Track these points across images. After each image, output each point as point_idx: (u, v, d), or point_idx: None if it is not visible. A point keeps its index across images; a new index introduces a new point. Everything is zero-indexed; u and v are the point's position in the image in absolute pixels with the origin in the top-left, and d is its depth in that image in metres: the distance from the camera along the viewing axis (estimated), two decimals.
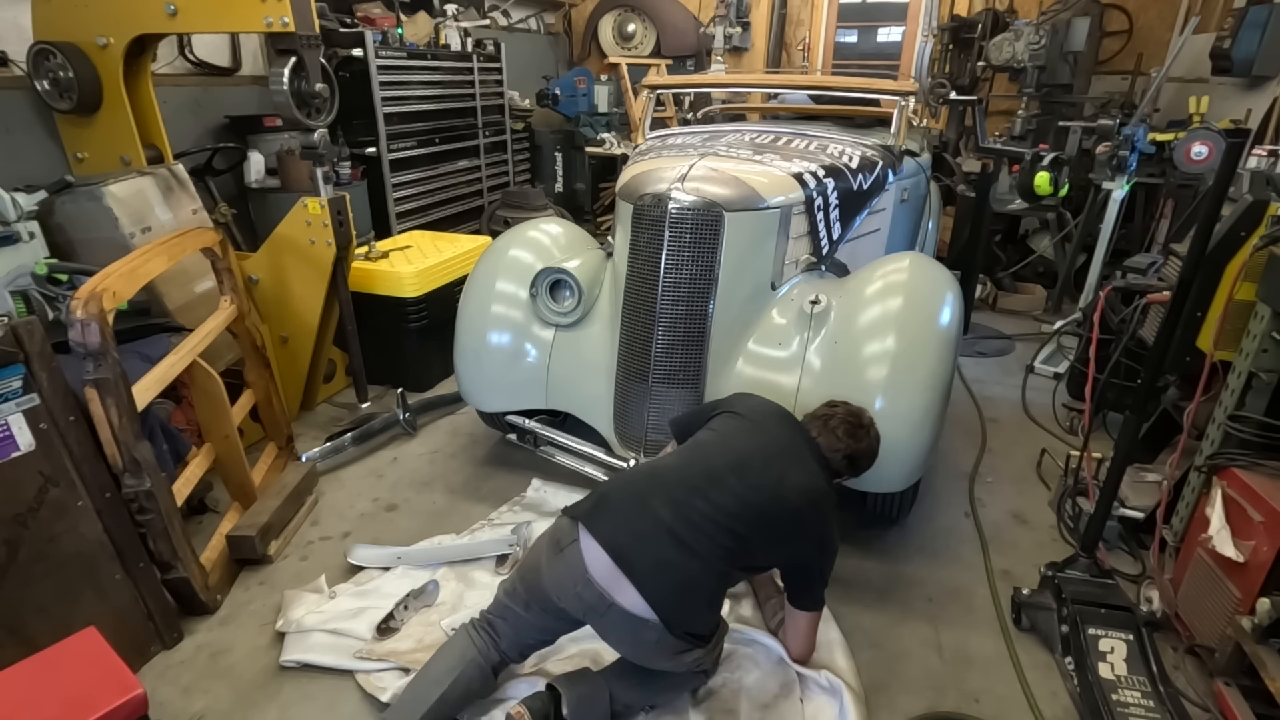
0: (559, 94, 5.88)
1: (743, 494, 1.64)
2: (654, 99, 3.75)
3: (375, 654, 1.95)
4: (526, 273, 2.58)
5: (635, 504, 1.63)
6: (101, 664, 1.54)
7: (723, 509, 1.61)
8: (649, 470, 1.78)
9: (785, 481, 1.69)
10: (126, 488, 1.89)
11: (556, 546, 1.64)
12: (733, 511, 1.62)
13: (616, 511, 1.62)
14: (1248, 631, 1.73)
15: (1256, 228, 2.02)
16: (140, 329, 2.36)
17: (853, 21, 6.58)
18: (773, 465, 1.71)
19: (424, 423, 3.30)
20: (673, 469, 1.73)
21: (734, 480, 1.66)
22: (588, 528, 1.60)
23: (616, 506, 1.64)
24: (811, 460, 1.79)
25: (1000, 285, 5.05)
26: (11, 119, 2.94)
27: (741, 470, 1.68)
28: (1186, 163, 3.30)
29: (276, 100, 2.58)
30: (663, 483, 1.67)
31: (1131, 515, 2.42)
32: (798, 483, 1.70)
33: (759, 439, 1.78)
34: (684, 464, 1.74)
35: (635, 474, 1.80)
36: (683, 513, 1.60)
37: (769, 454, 1.74)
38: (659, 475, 1.71)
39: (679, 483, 1.66)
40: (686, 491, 1.63)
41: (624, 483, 1.74)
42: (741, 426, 1.82)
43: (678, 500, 1.62)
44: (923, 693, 1.95)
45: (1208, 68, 4.20)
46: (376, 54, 4.10)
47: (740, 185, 2.33)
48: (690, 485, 1.65)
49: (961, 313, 2.29)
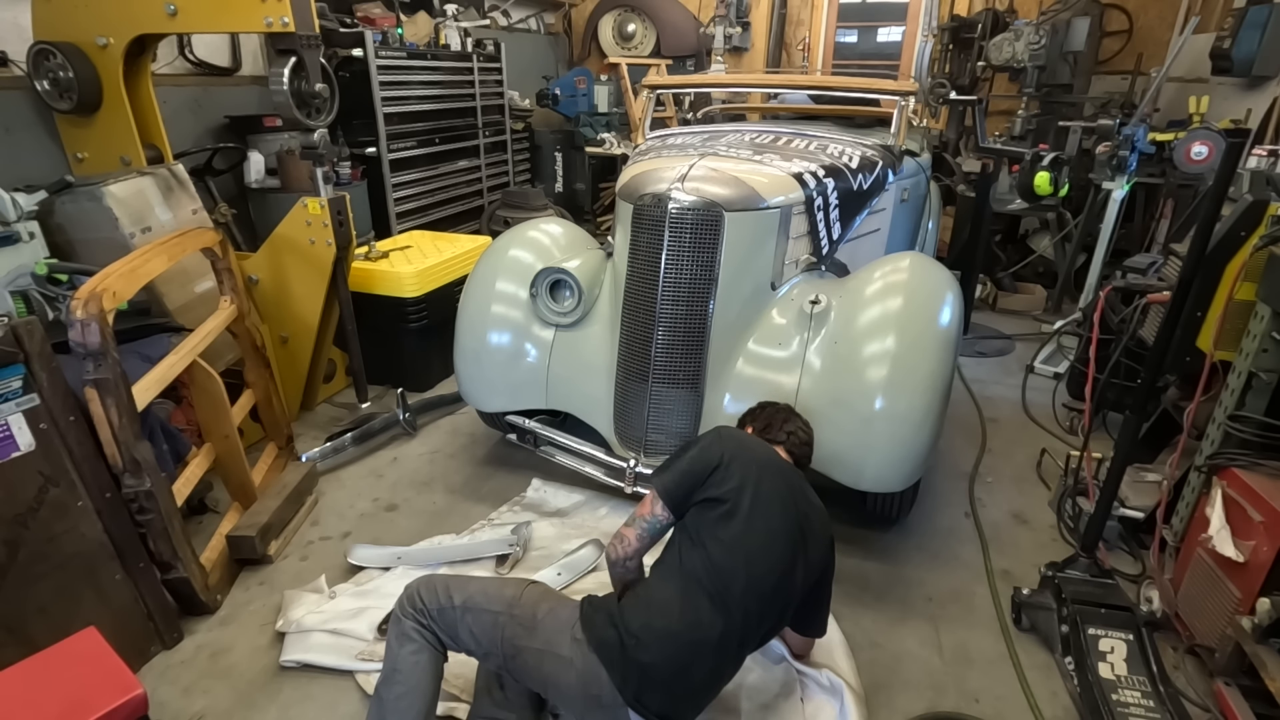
0: (559, 94, 5.88)
1: (789, 593, 1.63)
2: (654, 99, 3.75)
3: (376, 655, 1.94)
4: (526, 273, 2.58)
5: (682, 676, 1.50)
6: (101, 664, 1.54)
7: (772, 625, 1.65)
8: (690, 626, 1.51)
9: (812, 553, 1.65)
10: (126, 488, 1.89)
11: (596, 701, 1.49)
12: (782, 613, 1.65)
13: (662, 687, 1.48)
14: (1248, 631, 1.73)
15: (1256, 228, 2.02)
16: (140, 329, 2.36)
17: (853, 21, 6.58)
18: (799, 546, 1.63)
19: (424, 423, 3.31)
20: (709, 625, 1.51)
21: (780, 597, 1.61)
22: (637, 709, 1.48)
23: (661, 681, 1.48)
24: (807, 490, 1.71)
25: (1000, 285, 5.05)
26: (11, 119, 2.94)
27: (781, 584, 1.60)
28: (1186, 163, 3.31)
29: (276, 100, 2.58)
30: (708, 648, 1.52)
31: (1131, 515, 2.42)
32: (820, 537, 1.68)
33: (777, 531, 1.59)
34: (722, 618, 1.52)
35: (673, 639, 1.50)
36: (733, 661, 1.61)
37: (794, 538, 1.61)
38: (701, 641, 1.51)
39: (723, 641, 1.53)
40: (737, 645, 1.58)
41: (661, 654, 1.48)
42: (753, 529, 1.57)
43: (727, 654, 1.57)
44: (923, 693, 1.95)
45: (1208, 68, 4.20)
46: (376, 54, 4.10)
47: (740, 185, 2.33)
48: (739, 640, 1.57)
49: (961, 313, 2.29)
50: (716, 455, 1.63)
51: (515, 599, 1.57)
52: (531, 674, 1.55)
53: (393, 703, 1.54)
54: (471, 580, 1.66)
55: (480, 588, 1.62)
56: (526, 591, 1.60)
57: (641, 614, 1.51)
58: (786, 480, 1.67)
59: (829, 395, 2.18)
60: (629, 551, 1.66)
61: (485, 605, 1.56)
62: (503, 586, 1.63)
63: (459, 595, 1.58)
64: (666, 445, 2.40)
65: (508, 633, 1.53)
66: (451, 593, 1.58)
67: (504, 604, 1.56)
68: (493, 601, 1.57)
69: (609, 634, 1.49)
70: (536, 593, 1.61)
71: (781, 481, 1.65)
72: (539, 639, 1.52)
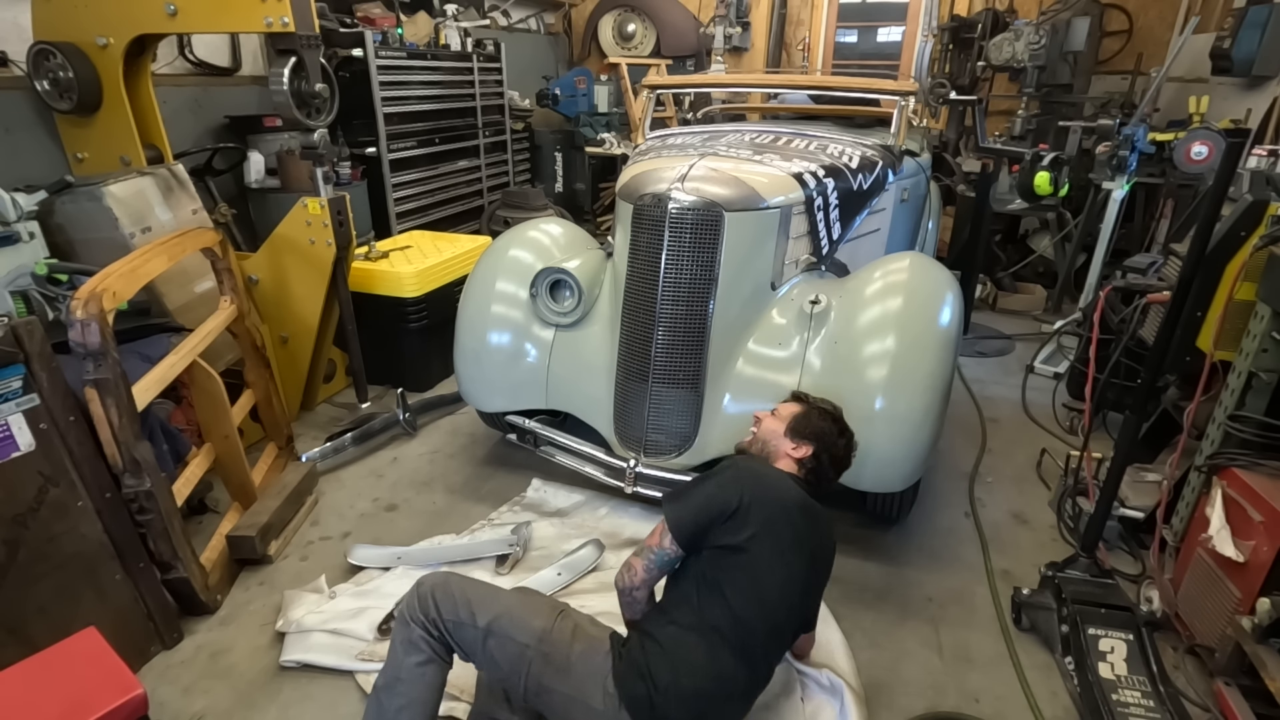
0: (559, 94, 5.88)
1: (803, 626, 1.71)
2: (654, 99, 3.75)
3: (377, 655, 1.94)
4: (526, 273, 2.58)
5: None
6: (101, 664, 1.54)
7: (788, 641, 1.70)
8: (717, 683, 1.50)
9: (824, 580, 1.71)
10: (126, 488, 1.89)
11: None
12: (798, 629, 1.72)
13: None
14: (1248, 631, 1.73)
15: (1256, 228, 2.02)
16: (140, 329, 2.36)
17: (853, 21, 6.58)
18: (814, 580, 1.68)
19: (424, 423, 3.30)
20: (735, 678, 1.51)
21: (795, 632, 1.70)
22: None
23: None
24: (822, 521, 1.68)
25: (1000, 285, 5.05)
26: (11, 119, 2.94)
27: (797, 623, 1.68)
28: (1186, 163, 3.31)
29: (276, 100, 2.58)
30: (735, 699, 1.56)
31: (1131, 515, 2.42)
32: (830, 561, 1.71)
33: (795, 576, 1.58)
34: (747, 668, 1.54)
35: (702, 697, 1.48)
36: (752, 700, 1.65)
37: (810, 577, 1.63)
38: (729, 694, 1.52)
39: (748, 690, 1.58)
40: (759, 687, 1.63)
41: (689, 713, 1.47)
42: (773, 578, 1.55)
43: (750, 699, 1.62)
44: (923, 693, 1.95)
45: (1208, 68, 4.20)
46: (376, 54, 4.10)
47: (740, 185, 2.33)
48: (762, 683, 1.62)
49: (961, 313, 2.29)
50: (735, 497, 1.55)
51: (546, 632, 1.50)
52: (555, 712, 1.51)
53: (393, 714, 1.51)
54: (495, 598, 1.57)
55: (506, 610, 1.53)
56: (558, 624, 1.53)
57: (668, 669, 1.47)
58: (806, 518, 1.61)
59: (829, 395, 2.16)
60: (635, 582, 1.62)
61: (513, 634, 1.50)
62: (532, 614, 1.54)
63: (483, 615, 1.51)
64: (666, 445, 2.40)
65: (535, 668, 1.48)
66: (474, 610, 1.51)
67: (534, 636, 1.49)
68: (521, 631, 1.50)
69: (639, 689, 1.45)
70: (568, 628, 1.54)
71: (801, 521, 1.60)
72: (570, 683, 1.47)
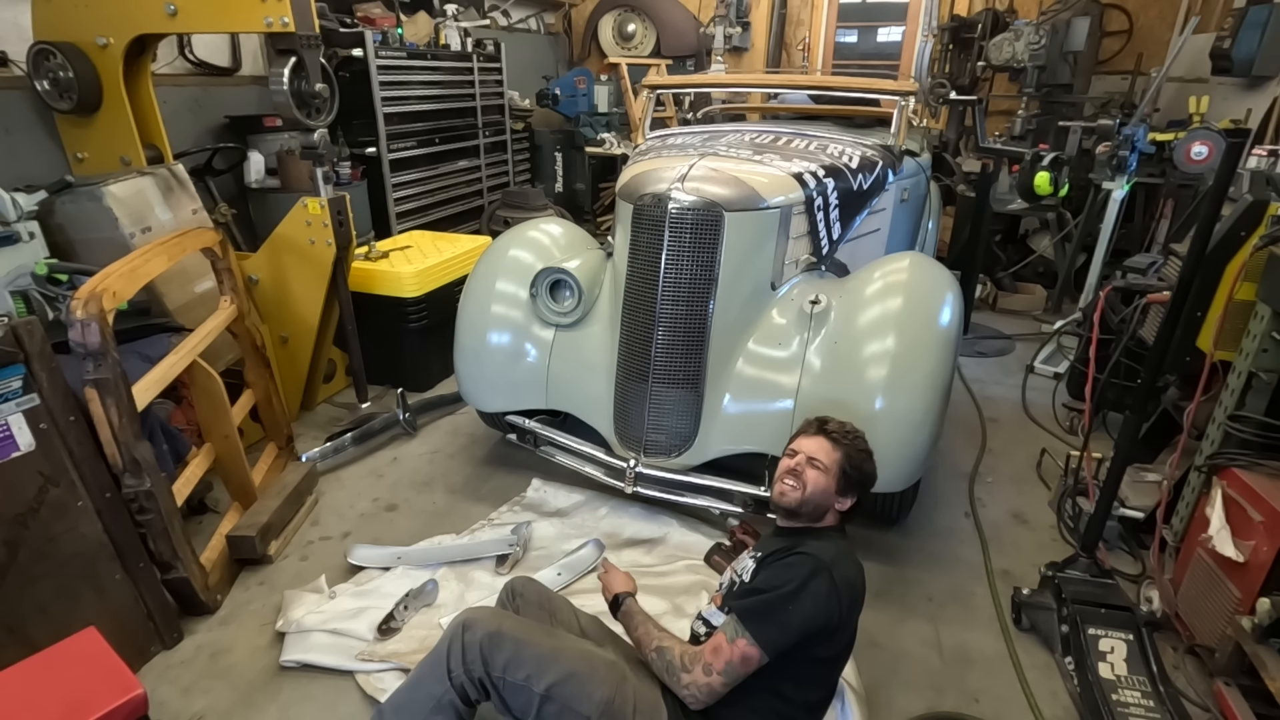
0: (559, 94, 5.88)
1: None
2: (654, 99, 3.75)
3: (377, 655, 1.95)
4: (526, 273, 2.58)
5: None
6: (101, 664, 1.54)
7: None
8: None
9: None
10: (126, 488, 1.89)
11: None
12: None
13: None
14: (1248, 631, 1.73)
15: (1256, 228, 2.02)
16: (140, 329, 2.36)
17: (853, 21, 6.58)
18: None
19: (424, 423, 3.30)
20: None
21: None
22: None
23: None
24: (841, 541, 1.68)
25: (1000, 285, 5.05)
26: (11, 119, 2.94)
27: None
28: (1186, 163, 3.30)
29: (276, 100, 2.58)
30: None
31: (1131, 515, 2.42)
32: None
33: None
34: None
35: None
36: None
37: None
38: None
39: None
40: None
41: None
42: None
43: None
44: (923, 693, 1.95)
45: (1208, 68, 4.20)
46: (376, 54, 4.10)
47: (740, 185, 2.33)
48: None
49: (961, 313, 2.29)
50: (835, 613, 1.44)
51: (608, 702, 1.44)
52: None
53: None
54: (556, 659, 1.47)
55: (569, 675, 1.45)
56: (620, 691, 1.46)
57: None
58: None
59: (829, 395, 2.17)
60: (705, 696, 1.44)
61: (574, 704, 1.43)
62: (594, 682, 1.46)
63: (541, 680, 1.43)
64: (666, 445, 2.40)
65: None
66: (532, 672, 1.44)
67: (597, 708, 1.43)
68: (583, 701, 1.43)
69: None
70: (629, 695, 1.47)
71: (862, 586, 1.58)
72: None
